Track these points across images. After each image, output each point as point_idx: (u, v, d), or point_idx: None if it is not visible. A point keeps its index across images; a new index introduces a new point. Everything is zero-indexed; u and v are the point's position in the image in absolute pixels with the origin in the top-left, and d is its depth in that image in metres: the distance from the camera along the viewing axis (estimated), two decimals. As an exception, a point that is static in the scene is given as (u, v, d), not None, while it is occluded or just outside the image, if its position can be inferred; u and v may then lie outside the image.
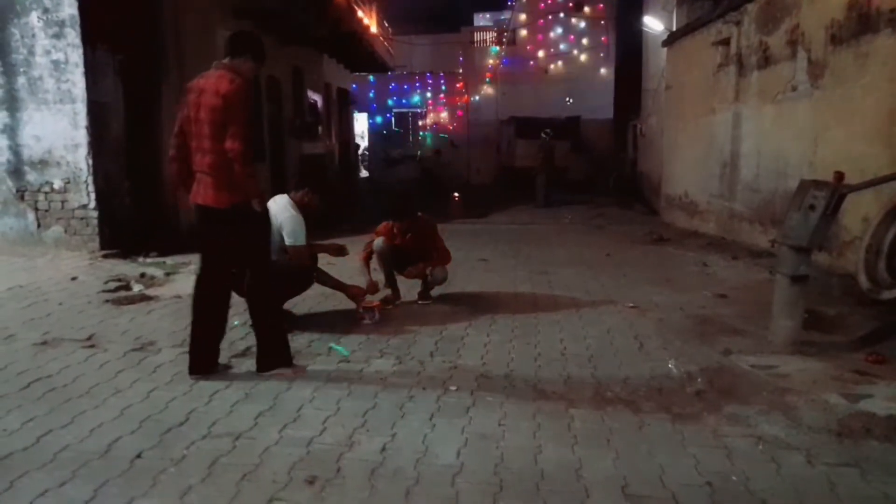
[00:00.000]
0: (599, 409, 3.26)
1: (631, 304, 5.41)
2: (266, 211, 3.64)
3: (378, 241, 5.33)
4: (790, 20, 7.53)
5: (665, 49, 12.64)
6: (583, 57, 23.82)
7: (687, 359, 4.00)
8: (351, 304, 4.96)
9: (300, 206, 4.62)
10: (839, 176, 3.98)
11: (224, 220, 3.52)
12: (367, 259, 5.38)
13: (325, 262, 5.06)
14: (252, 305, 3.74)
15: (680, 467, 2.69)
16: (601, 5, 23.59)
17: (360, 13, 15.53)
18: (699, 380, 3.64)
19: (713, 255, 8.05)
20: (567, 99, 23.43)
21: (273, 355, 3.72)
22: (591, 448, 2.85)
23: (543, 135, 16.10)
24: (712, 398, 3.40)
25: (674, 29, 12.16)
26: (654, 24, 13.41)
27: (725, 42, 9.49)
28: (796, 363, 3.89)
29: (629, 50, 18.79)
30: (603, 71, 23.64)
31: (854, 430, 2.98)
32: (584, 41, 23.85)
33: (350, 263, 5.71)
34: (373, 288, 5.12)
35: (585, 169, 21.14)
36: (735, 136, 9.09)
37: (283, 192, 4.75)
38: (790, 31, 7.51)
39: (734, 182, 9.12)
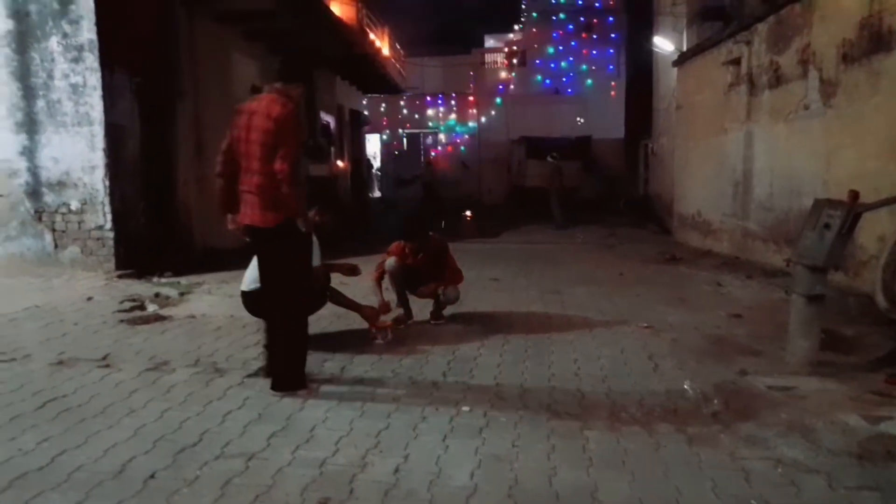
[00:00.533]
0: (614, 431, 3.23)
1: (645, 324, 5.37)
2: (310, 231, 3.74)
3: (390, 261, 5.34)
4: (801, 39, 7.54)
5: (676, 69, 12.69)
6: (593, 77, 23.95)
7: (702, 379, 3.95)
8: (364, 324, 4.96)
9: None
10: (854, 194, 3.95)
11: (270, 239, 3.64)
12: (380, 279, 5.39)
13: (337, 281, 5.07)
14: (281, 323, 3.76)
15: (697, 490, 2.65)
16: (611, 26, 23.76)
17: (372, 36, 15.73)
18: (715, 401, 3.60)
19: (727, 274, 7.99)
20: (578, 119, 23.53)
21: (289, 376, 3.73)
22: (606, 470, 2.82)
23: (550, 158, 15.79)
24: (729, 419, 3.36)
25: (684, 49, 12.21)
26: (664, 44, 13.48)
27: (736, 62, 9.51)
28: (814, 384, 3.83)
29: (639, 70, 18.88)
30: (613, 91, 23.74)
31: (875, 453, 2.93)
32: (594, 61, 23.99)
33: (363, 283, 5.72)
34: (385, 308, 5.12)
35: (597, 188, 21.15)
36: (747, 156, 9.08)
37: None
38: (801, 50, 7.53)
39: (747, 201, 9.09)
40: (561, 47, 24.28)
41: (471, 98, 25.29)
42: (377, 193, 24.39)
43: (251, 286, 4.61)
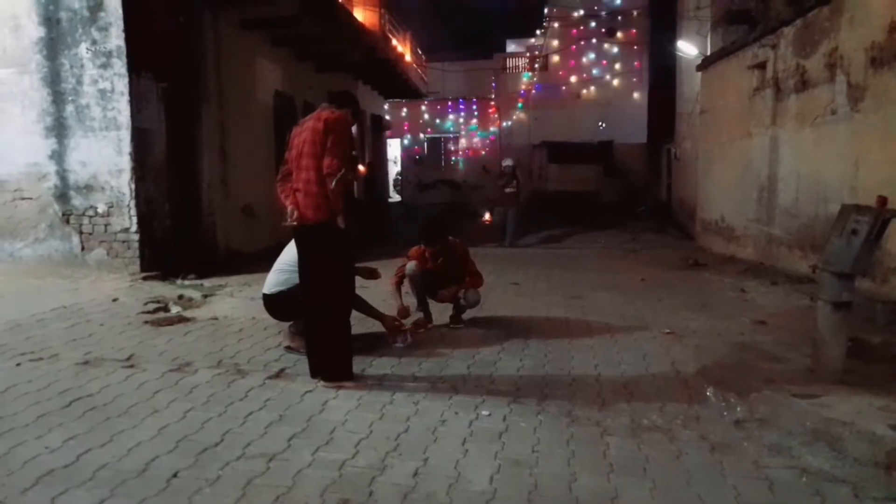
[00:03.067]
0: (635, 437, 3.20)
1: (667, 330, 5.32)
2: (349, 229, 3.89)
3: (410, 266, 5.35)
4: (828, 43, 7.44)
5: (699, 73, 12.57)
6: (615, 81, 23.83)
7: (725, 386, 3.89)
8: (383, 327, 4.98)
9: None
10: (882, 200, 3.87)
11: (312, 236, 3.86)
12: (399, 284, 5.40)
13: (357, 284, 5.09)
14: (326, 318, 3.89)
15: (719, 499, 2.62)
16: (634, 30, 23.63)
17: (394, 41, 15.82)
18: (738, 408, 3.55)
19: (751, 280, 7.89)
20: (600, 123, 23.42)
21: (337, 367, 3.88)
22: (627, 477, 2.79)
23: (507, 165, 13.30)
24: (752, 427, 3.31)
25: (708, 53, 12.10)
26: (687, 48, 13.38)
27: (761, 66, 9.40)
28: (840, 393, 3.76)
29: (662, 74, 18.75)
30: (636, 95, 23.60)
31: (903, 464, 2.86)
32: (617, 66, 23.87)
33: (382, 286, 5.74)
34: (404, 313, 5.14)
35: (618, 193, 21.04)
36: (773, 160, 8.96)
37: None
38: (828, 54, 7.42)
39: (772, 206, 8.97)
40: (583, 51, 24.18)
41: (492, 102, 25.29)
42: (397, 198, 24.47)
43: (273, 289, 4.66)
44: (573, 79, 24.23)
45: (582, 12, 23.65)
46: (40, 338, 4.87)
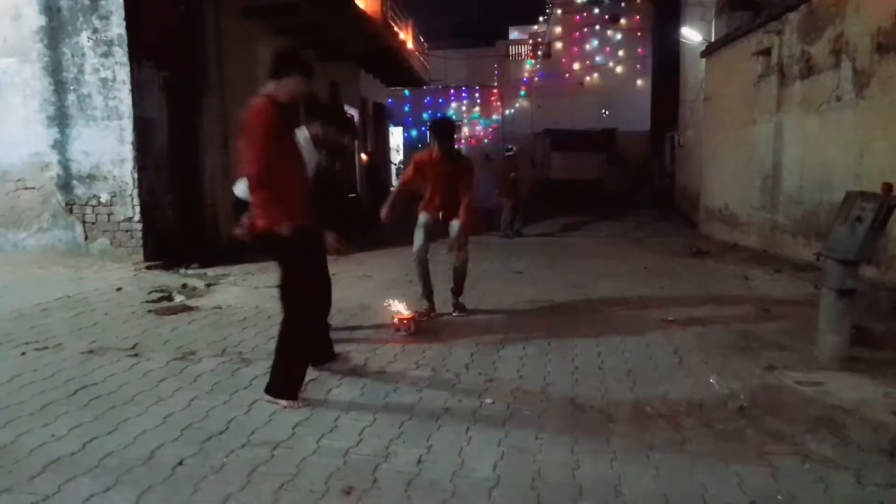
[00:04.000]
0: (639, 425, 3.21)
1: (670, 318, 5.31)
2: (303, 235, 3.38)
3: (418, 247, 5.34)
4: (833, 29, 7.38)
5: (703, 60, 12.49)
6: (619, 69, 23.70)
7: (729, 374, 3.90)
8: (388, 318, 4.98)
9: (314, 141, 4.45)
10: (888, 187, 3.86)
11: (261, 245, 3.54)
12: (401, 191, 5.50)
13: (360, 275, 5.08)
14: (282, 327, 3.62)
15: (723, 486, 2.62)
16: (637, 17, 23.46)
17: (396, 29, 15.74)
18: (742, 396, 3.55)
19: (755, 268, 7.87)
20: (603, 111, 23.31)
21: (282, 381, 3.47)
22: (630, 464, 2.80)
23: (508, 152, 12.73)
24: (756, 415, 3.31)
25: (712, 39, 12.02)
26: (691, 35, 13.27)
27: (766, 52, 9.33)
28: (844, 380, 3.76)
29: (666, 61, 18.59)
30: (639, 83, 23.46)
31: (906, 450, 2.87)
32: (620, 53, 23.73)
33: (387, 276, 5.74)
34: (387, 217, 5.15)
35: (622, 181, 20.99)
36: (777, 147, 8.91)
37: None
38: (834, 39, 7.36)
39: (776, 194, 8.93)
40: (586, 39, 24.04)
41: (495, 90, 25.19)
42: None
43: (241, 195, 4.38)
44: (576, 66, 24.10)
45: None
46: (45, 327, 4.89)
